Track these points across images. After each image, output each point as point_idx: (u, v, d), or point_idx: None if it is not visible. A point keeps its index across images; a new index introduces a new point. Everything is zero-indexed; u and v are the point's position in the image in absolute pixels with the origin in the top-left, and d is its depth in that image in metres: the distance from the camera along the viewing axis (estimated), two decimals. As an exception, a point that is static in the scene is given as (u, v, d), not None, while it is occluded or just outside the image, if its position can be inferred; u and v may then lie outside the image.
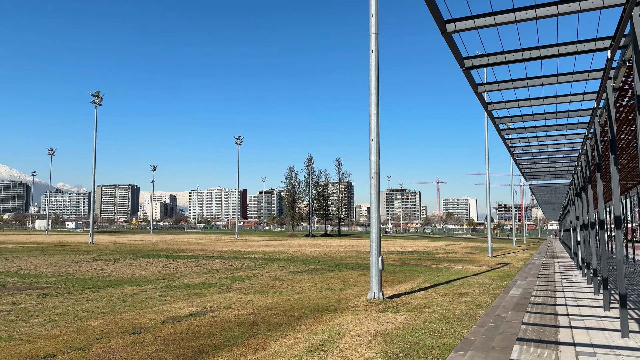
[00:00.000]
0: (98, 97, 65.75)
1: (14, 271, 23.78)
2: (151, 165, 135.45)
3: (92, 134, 66.44)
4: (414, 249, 51.70)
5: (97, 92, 65.71)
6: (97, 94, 65.73)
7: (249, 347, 9.61)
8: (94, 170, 66.61)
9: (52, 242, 63.29)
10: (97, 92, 65.66)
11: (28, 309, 13.39)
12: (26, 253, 38.36)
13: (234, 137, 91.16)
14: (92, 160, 66.21)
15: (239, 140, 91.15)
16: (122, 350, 9.27)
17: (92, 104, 65.71)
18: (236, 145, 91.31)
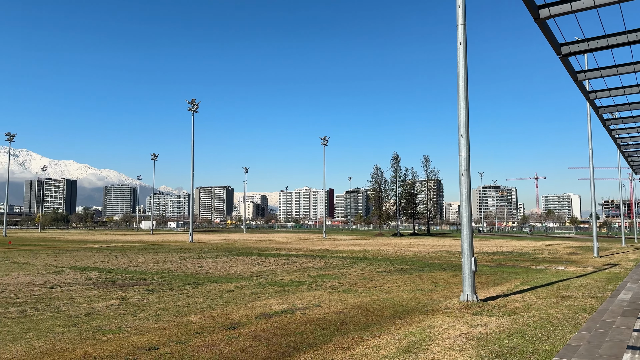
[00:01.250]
0: (194, 105, 69.72)
1: (123, 268, 25.88)
2: (243, 167, 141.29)
3: (190, 139, 70.62)
4: (510, 249, 49.14)
5: (193, 100, 69.70)
6: (193, 102, 69.72)
7: (339, 345, 9.65)
8: (192, 174, 70.77)
9: (156, 241, 68.15)
10: (193, 100, 69.65)
11: (135, 304, 14.48)
12: (133, 251, 41.62)
13: (320, 137, 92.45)
14: (191, 164, 70.39)
15: (325, 140, 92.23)
16: (218, 344, 9.72)
17: (189, 111, 69.81)
18: (322, 145, 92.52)
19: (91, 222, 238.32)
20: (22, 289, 17.29)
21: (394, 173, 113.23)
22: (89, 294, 16.35)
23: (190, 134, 70.34)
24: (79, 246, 50.63)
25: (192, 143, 70.57)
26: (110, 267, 26.46)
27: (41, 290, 16.99)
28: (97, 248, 46.64)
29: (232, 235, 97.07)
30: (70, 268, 25.55)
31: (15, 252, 39.24)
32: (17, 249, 45.28)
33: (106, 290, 17.29)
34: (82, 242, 60.95)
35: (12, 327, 11.11)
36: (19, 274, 22.62)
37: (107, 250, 42.33)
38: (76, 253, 38.59)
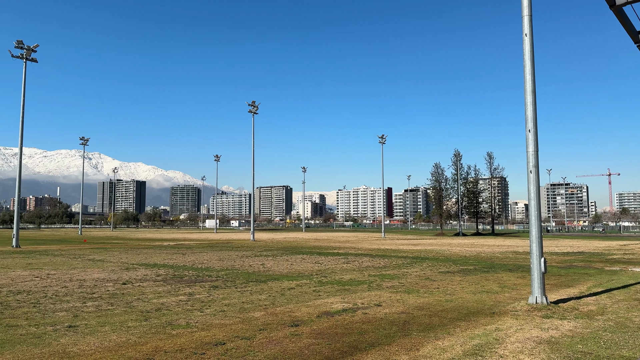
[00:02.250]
0: (254, 107, 71.25)
1: (190, 265, 26.87)
2: (302, 167, 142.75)
3: (251, 140, 72.20)
4: (582, 249, 46.60)
5: (253, 102, 71.24)
6: (253, 104, 71.26)
7: (402, 346, 9.52)
8: (253, 174, 72.35)
9: (220, 239, 70.29)
10: (253, 102, 71.19)
11: (201, 300, 14.98)
12: (199, 249, 43.13)
13: (378, 136, 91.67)
14: (251, 164, 71.99)
15: (383, 139, 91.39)
16: (282, 341, 9.86)
17: (250, 113, 71.41)
18: (380, 144, 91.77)
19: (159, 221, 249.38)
20: (97, 285, 18.35)
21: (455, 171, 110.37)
22: (158, 290, 17.09)
23: (250, 135, 71.92)
24: (148, 244, 53.11)
25: (252, 144, 72.13)
26: (177, 264, 27.55)
27: (114, 286, 17.95)
28: (165, 246, 48.72)
29: (291, 234, 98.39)
30: (140, 265, 26.84)
31: (90, 250, 41.75)
32: (92, 246, 48.15)
33: (174, 286, 18.01)
34: (151, 240, 63.89)
35: (90, 320, 11.80)
36: (94, 270, 24.04)
37: (175, 248, 44.11)
38: (146, 251, 40.49)
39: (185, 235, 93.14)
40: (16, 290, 16.86)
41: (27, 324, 11.28)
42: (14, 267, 25.54)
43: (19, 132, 50.08)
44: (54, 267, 25.64)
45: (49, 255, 34.43)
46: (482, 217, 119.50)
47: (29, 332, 10.52)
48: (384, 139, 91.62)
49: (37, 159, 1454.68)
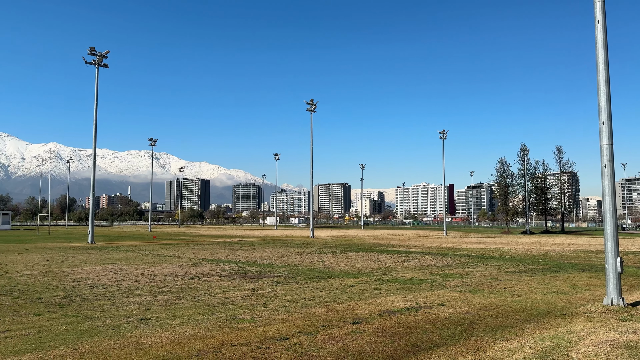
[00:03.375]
0: (312, 105, 71.79)
1: (252, 261, 27.51)
2: (360, 164, 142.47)
3: (309, 139, 72.84)
4: (662, 248, 43.43)
5: (311, 101, 71.79)
6: (311, 102, 71.81)
7: (468, 347, 9.27)
8: (311, 172, 72.97)
9: (280, 236, 71.49)
10: (311, 100, 71.73)
11: (265, 295, 15.29)
12: (261, 245, 44.07)
13: (438, 131, 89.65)
14: (310, 162, 72.62)
15: (444, 134, 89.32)
16: (344, 338, 9.88)
17: (308, 111, 72.04)
18: (441, 139, 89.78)
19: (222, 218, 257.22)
20: (166, 279, 19.18)
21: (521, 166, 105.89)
22: (223, 284, 17.62)
23: (309, 133, 72.54)
24: (213, 240, 54.91)
25: (310, 142, 72.71)
26: (241, 260, 28.30)
27: (182, 281, 18.69)
28: (228, 242, 50.18)
29: (350, 232, 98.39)
30: (206, 260, 27.79)
31: (159, 246, 43.71)
32: (161, 242, 50.40)
33: (239, 281, 18.50)
34: (215, 237, 66.00)
35: (160, 313, 12.35)
36: (163, 265, 25.15)
37: (237, 245, 45.32)
38: (211, 247, 41.89)
39: (247, 232, 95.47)
40: (92, 283, 17.94)
41: (103, 316, 11.97)
42: (90, 262, 27.20)
43: (93, 134, 53.20)
44: (127, 262, 27.05)
45: (121, 251, 36.39)
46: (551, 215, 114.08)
47: (105, 323, 11.16)
48: (445, 134, 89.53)
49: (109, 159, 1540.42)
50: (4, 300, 14.06)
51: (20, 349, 8.94)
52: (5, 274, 20.88)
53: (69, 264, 25.78)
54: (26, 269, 22.73)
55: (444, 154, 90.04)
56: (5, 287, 16.71)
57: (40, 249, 38.88)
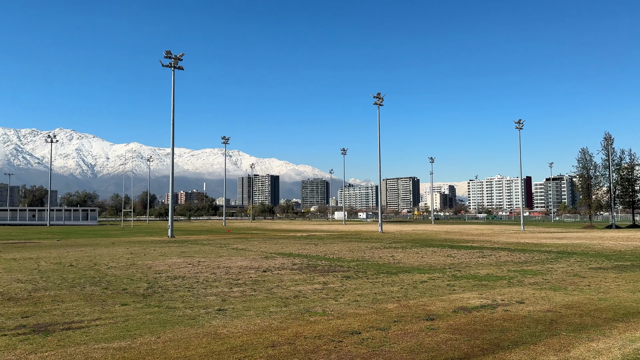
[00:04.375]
0: (379, 99, 71.14)
1: (322, 255, 27.77)
2: (429, 157, 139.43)
3: (377, 133, 72.30)
4: None
5: (378, 94, 71.15)
6: (378, 96, 71.17)
7: (549, 346, 8.81)
8: (379, 166, 72.45)
9: (348, 230, 71.62)
10: (378, 93, 71.09)
11: (335, 289, 15.38)
12: (329, 240, 44.40)
13: (514, 121, 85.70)
14: (377, 156, 72.11)
15: (520, 124, 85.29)
16: (417, 334, 9.72)
17: (375, 105, 71.48)
18: (517, 129, 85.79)
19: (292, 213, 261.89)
20: (241, 272, 19.80)
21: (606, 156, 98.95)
22: (295, 278, 17.93)
23: (376, 127, 71.98)
24: (283, 235, 56.05)
25: (378, 136, 72.14)
26: (311, 254, 28.66)
27: (256, 274, 19.22)
28: (298, 236, 51.00)
29: (419, 226, 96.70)
30: (278, 254, 28.41)
31: (233, 240, 45.25)
32: (235, 236, 52.14)
33: (309, 275, 18.75)
34: (286, 231, 67.32)
35: (236, 305, 12.76)
36: (238, 258, 25.99)
37: (307, 239, 45.95)
38: (282, 241, 42.77)
39: (316, 226, 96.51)
40: (173, 275, 18.88)
41: (183, 306, 12.56)
42: (170, 255, 28.65)
43: (171, 134, 55.88)
44: (204, 255, 28.23)
45: (198, 245, 38.03)
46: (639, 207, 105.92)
47: (185, 313, 11.70)
48: (521, 124, 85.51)
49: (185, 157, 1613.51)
50: (94, 291, 15.13)
51: (109, 336, 9.58)
52: (94, 266, 22.47)
53: (151, 256, 27.31)
54: (113, 262, 24.34)
55: (520, 145, 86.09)
56: (94, 279, 17.98)
57: (124, 242, 41.49)
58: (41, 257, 26.60)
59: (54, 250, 31.81)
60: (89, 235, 55.69)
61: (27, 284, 16.40)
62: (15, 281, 17.16)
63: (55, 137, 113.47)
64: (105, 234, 59.33)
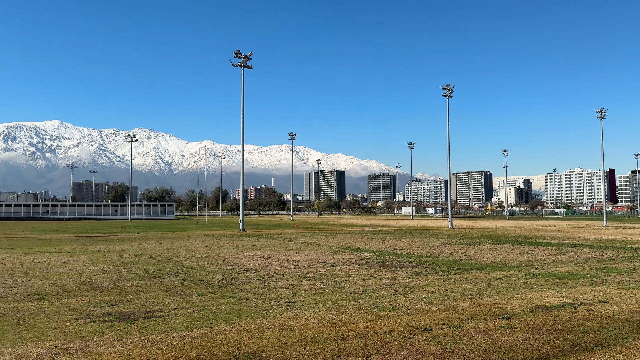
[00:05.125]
0: (449, 90, 69.24)
1: (390, 251, 27.50)
2: (503, 150, 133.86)
3: (445, 125, 70.43)
4: None
5: (447, 85, 69.25)
6: (447, 87, 69.28)
7: (638, 349, 8.20)
8: (448, 160, 70.61)
9: (416, 226, 70.45)
10: (447, 84, 69.19)
11: (404, 285, 15.17)
12: (397, 235, 43.90)
13: (596, 110, 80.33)
14: (447, 150, 70.29)
15: (602, 113, 79.81)
16: (492, 333, 9.38)
17: (444, 96, 69.66)
18: (598, 119, 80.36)
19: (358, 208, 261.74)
20: (309, 266, 20.05)
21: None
22: (363, 272, 17.89)
23: (445, 119, 70.11)
24: (350, 229, 56.12)
25: (447, 129, 70.26)
26: (378, 249, 28.48)
27: (324, 268, 19.38)
28: (365, 232, 50.88)
29: (492, 222, 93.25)
30: (345, 249, 28.49)
31: (301, 234, 45.91)
32: (302, 231, 52.88)
33: (377, 270, 18.64)
34: (352, 226, 67.36)
35: (306, 298, 12.93)
36: (306, 252, 26.34)
37: (374, 234, 45.72)
38: (348, 236, 42.84)
39: (383, 221, 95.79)
40: (245, 268, 19.46)
41: (255, 298, 12.90)
42: (242, 248, 29.54)
43: (241, 132, 57.54)
44: (273, 248, 28.87)
45: (268, 239, 38.95)
46: None
47: (257, 305, 12.01)
48: (604, 113, 80.00)
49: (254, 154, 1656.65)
50: (173, 282, 15.90)
51: (187, 325, 10.03)
52: (172, 258, 23.62)
53: (224, 249, 28.33)
54: (189, 254, 25.48)
55: (602, 135, 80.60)
56: (173, 270, 18.91)
57: (199, 236, 43.31)
58: (124, 250, 28.36)
59: (135, 243, 33.79)
60: (166, 229, 58.65)
61: (112, 275, 17.54)
62: (101, 272, 18.41)
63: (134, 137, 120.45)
64: (182, 228, 62.21)
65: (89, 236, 43.41)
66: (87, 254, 25.80)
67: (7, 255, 24.63)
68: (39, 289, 14.39)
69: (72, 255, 24.70)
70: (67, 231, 54.05)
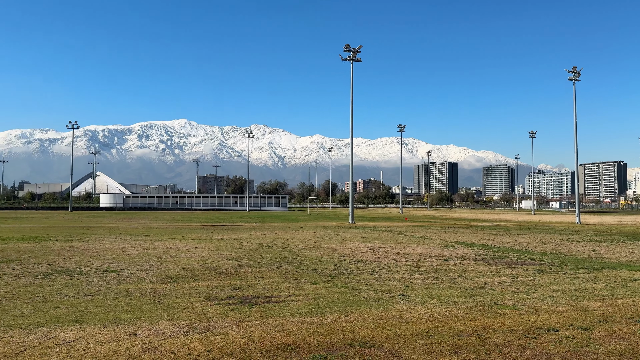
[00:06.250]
0: (575, 73, 63.59)
1: (509, 247, 26.03)
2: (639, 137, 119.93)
3: (571, 112, 64.82)
4: None
5: (574, 68, 63.64)
6: (574, 70, 63.67)
7: None
8: (576, 149, 64.96)
9: (538, 221, 65.79)
10: (574, 67, 63.58)
11: (526, 283, 14.27)
12: (517, 231, 41.39)
13: None
14: (574, 139, 64.67)
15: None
16: (628, 337, 8.50)
17: (570, 80, 64.12)
18: None
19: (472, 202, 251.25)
20: (421, 260, 19.69)
21: None
22: (479, 269, 17.16)
23: (571, 105, 64.50)
24: (463, 224, 54.07)
25: (574, 116, 64.57)
26: (495, 244, 27.11)
27: (437, 262, 18.91)
28: (480, 226, 48.70)
29: (627, 217, 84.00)
30: (459, 243, 27.53)
31: (410, 227, 45.23)
32: (412, 224, 52.06)
33: (495, 266, 17.75)
34: (466, 220, 64.85)
35: (418, 291, 12.73)
36: (417, 246, 25.91)
37: (491, 229, 43.59)
38: (462, 230, 41.32)
39: (500, 216, 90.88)
40: (356, 259, 19.66)
41: (367, 289, 12.98)
42: (352, 239, 29.88)
43: (350, 125, 58.05)
44: (383, 241, 28.81)
45: (377, 231, 38.95)
46: None
47: (369, 296, 12.08)
48: None
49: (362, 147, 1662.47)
50: (288, 270, 16.57)
51: (303, 311, 10.39)
52: (287, 247, 24.61)
53: (335, 240, 28.88)
54: (302, 244, 26.37)
55: None
56: (288, 258, 19.70)
57: (311, 227, 44.60)
58: (243, 238, 30.14)
59: (254, 233, 35.75)
60: (280, 220, 61.26)
61: (234, 261, 18.74)
62: (224, 258, 19.75)
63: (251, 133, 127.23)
64: (295, 219, 64.53)
65: (213, 225, 46.77)
66: (211, 241, 27.84)
67: (144, 242, 27.42)
68: (171, 272, 15.84)
69: (198, 243, 26.81)
70: (193, 220, 58.77)
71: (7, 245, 24.35)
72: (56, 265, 17.10)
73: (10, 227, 40.85)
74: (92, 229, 40.06)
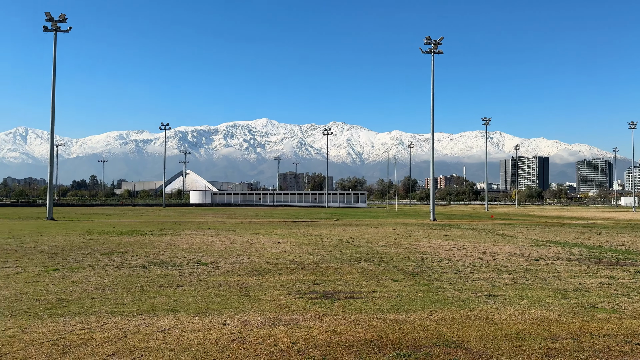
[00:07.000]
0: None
1: (607, 246, 24.17)
2: None
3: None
4: None
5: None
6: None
7: None
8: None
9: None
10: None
11: (627, 285, 13.20)
12: (616, 229, 38.33)
13: None
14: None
15: None
16: None
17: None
18: None
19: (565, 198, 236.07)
20: (509, 259, 18.82)
21: None
22: (573, 269, 16.10)
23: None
24: (556, 222, 50.95)
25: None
26: (592, 244, 25.30)
27: (527, 262, 17.98)
28: (574, 224, 45.66)
29: None
30: (551, 243, 26.00)
31: (497, 225, 43.35)
32: (498, 222, 49.87)
33: (591, 267, 16.58)
34: (558, 218, 61.08)
35: (507, 292, 12.18)
36: (504, 245, 24.79)
37: (586, 227, 40.73)
38: (554, 228, 38.96)
39: (597, 213, 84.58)
40: (438, 257, 19.20)
41: (451, 288, 12.64)
42: (434, 237, 29.21)
43: (430, 119, 56.72)
44: (467, 239, 27.88)
45: (461, 229, 37.75)
46: None
47: (454, 295, 11.75)
48: None
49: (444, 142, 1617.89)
50: (369, 266, 16.55)
51: (385, 308, 10.34)
52: (367, 244, 24.57)
53: (416, 238, 28.40)
54: (382, 241, 26.20)
55: None
56: (368, 255, 19.67)
57: (390, 224, 44.18)
58: (324, 234, 30.51)
59: (333, 229, 36.07)
60: (359, 217, 61.27)
61: (315, 256, 19.03)
62: (305, 253, 20.12)
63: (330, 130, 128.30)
64: (374, 216, 64.26)
65: (294, 221, 47.79)
66: (293, 237, 28.48)
67: (230, 236, 28.62)
68: (256, 266, 16.40)
69: (281, 238, 27.54)
70: (275, 216, 60.42)
71: (109, 239, 26.47)
72: (152, 258, 18.33)
73: (110, 222, 44.37)
74: (183, 223, 42.48)
